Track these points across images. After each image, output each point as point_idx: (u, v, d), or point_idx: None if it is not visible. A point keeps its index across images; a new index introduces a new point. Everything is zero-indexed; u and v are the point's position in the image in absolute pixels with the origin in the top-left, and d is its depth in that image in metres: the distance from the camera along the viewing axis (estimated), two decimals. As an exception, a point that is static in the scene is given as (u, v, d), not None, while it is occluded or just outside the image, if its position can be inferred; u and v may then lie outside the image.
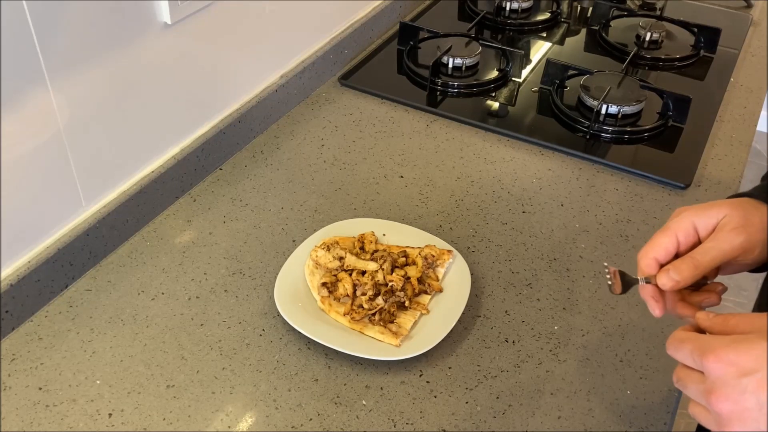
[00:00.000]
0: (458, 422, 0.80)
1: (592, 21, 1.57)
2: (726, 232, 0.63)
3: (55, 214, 0.91)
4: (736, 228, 0.63)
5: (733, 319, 0.54)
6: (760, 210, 0.64)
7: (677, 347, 0.56)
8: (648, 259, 0.66)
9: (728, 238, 0.63)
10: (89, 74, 0.88)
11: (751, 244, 0.63)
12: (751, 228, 0.63)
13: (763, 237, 0.63)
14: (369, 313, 0.87)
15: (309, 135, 1.22)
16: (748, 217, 0.63)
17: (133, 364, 0.85)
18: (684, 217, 0.65)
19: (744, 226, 0.63)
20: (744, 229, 0.63)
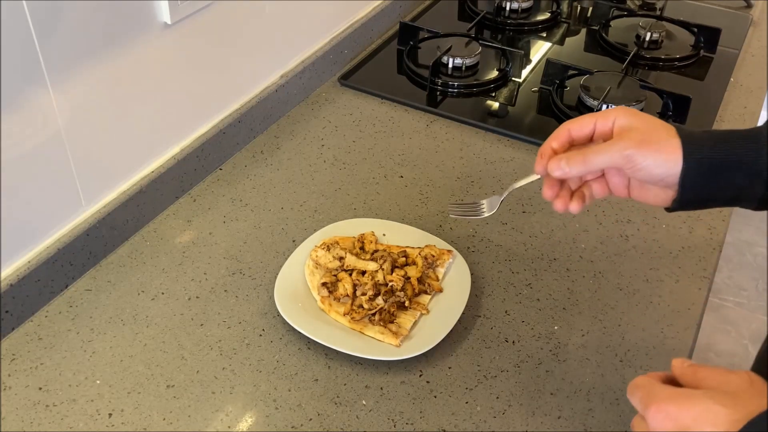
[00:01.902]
0: (458, 422, 0.80)
1: (592, 21, 1.57)
2: (623, 139, 0.66)
3: (55, 214, 0.91)
4: (632, 139, 0.65)
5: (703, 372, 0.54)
6: (667, 139, 0.66)
7: (632, 392, 0.57)
8: (545, 153, 0.70)
9: (621, 144, 0.65)
10: (89, 74, 0.88)
11: (636, 160, 0.65)
12: (644, 145, 0.65)
13: (652, 160, 0.65)
14: (369, 313, 0.87)
15: (309, 135, 1.22)
16: (649, 136, 0.65)
17: (133, 364, 0.85)
18: (611, 113, 0.68)
19: (641, 141, 0.65)
20: (639, 143, 0.65)
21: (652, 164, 0.65)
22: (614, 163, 0.66)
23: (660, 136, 0.66)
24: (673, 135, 0.66)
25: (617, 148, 0.66)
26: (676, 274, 0.98)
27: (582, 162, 0.67)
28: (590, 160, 0.67)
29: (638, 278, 0.98)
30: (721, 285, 2.35)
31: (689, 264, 1.00)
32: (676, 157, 0.65)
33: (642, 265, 1.00)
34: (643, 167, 0.66)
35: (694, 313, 0.93)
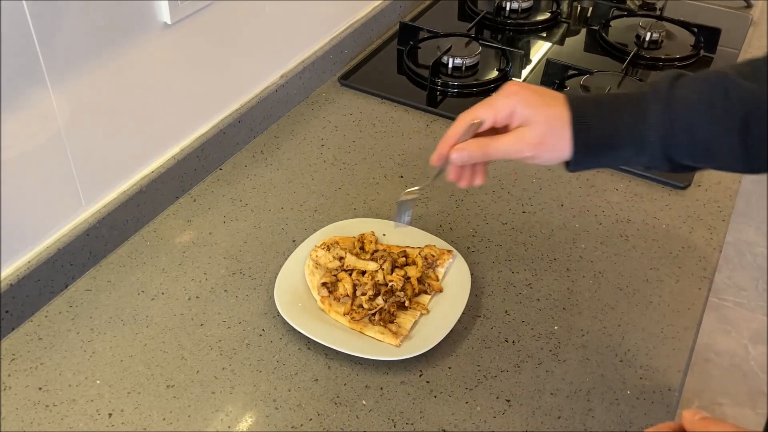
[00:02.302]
0: (458, 422, 0.80)
1: (592, 21, 1.57)
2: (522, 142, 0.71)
3: (55, 214, 0.91)
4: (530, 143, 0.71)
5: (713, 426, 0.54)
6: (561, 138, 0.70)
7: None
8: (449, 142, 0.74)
9: (519, 148, 0.71)
10: (89, 74, 0.88)
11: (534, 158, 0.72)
12: (540, 148, 0.71)
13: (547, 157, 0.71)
14: (369, 313, 0.87)
15: (309, 135, 1.22)
16: (545, 138, 0.70)
17: (133, 364, 0.85)
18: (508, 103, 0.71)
19: (537, 145, 0.70)
20: (535, 147, 0.70)
21: (546, 160, 0.72)
22: (511, 158, 0.73)
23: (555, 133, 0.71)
24: (565, 124, 0.71)
25: (515, 150, 0.72)
26: (676, 274, 0.98)
27: (482, 155, 0.73)
28: (490, 154, 0.73)
29: (638, 278, 0.98)
30: (721, 285, 2.35)
31: (689, 264, 1.00)
32: (567, 150, 0.71)
33: (642, 265, 1.00)
34: (537, 161, 0.73)
35: (694, 313, 0.93)
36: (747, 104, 0.67)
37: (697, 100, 0.69)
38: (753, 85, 0.68)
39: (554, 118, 0.71)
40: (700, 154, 0.70)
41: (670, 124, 0.69)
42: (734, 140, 0.68)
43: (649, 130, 0.69)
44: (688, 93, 0.69)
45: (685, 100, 0.69)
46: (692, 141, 0.69)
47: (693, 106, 0.69)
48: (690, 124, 0.69)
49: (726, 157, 0.70)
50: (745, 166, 0.70)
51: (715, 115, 0.68)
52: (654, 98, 0.70)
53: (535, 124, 0.70)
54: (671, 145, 0.70)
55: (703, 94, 0.69)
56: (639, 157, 0.71)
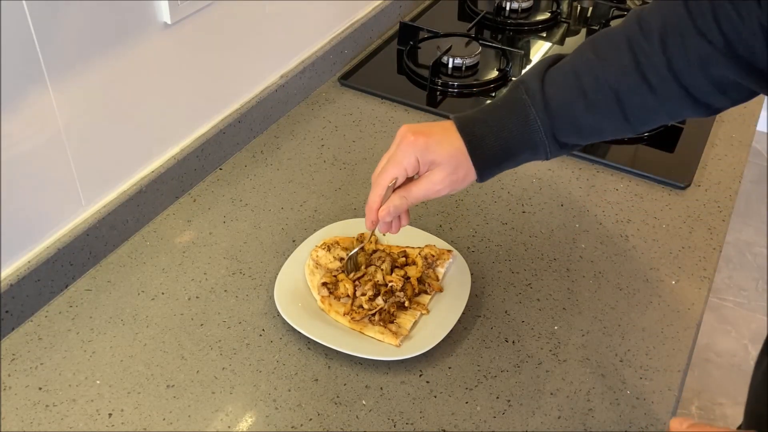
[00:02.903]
0: (458, 422, 0.80)
1: (592, 21, 1.57)
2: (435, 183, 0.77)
3: (55, 214, 0.91)
4: (443, 182, 0.77)
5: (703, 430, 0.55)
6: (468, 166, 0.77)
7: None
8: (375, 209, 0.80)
9: (436, 188, 0.78)
10: (89, 74, 0.88)
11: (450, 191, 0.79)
12: (455, 184, 0.78)
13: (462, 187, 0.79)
14: (369, 313, 0.87)
15: (309, 135, 1.22)
16: (455, 174, 0.77)
17: (133, 364, 0.85)
18: (409, 154, 0.77)
19: (451, 182, 0.77)
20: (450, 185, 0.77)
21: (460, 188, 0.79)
22: (431, 198, 0.80)
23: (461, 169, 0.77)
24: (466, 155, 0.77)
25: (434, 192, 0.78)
26: (676, 274, 0.98)
27: (406, 205, 0.80)
28: (413, 202, 0.79)
29: (638, 278, 0.98)
30: (721, 285, 2.35)
31: (689, 264, 1.00)
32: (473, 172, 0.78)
33: (642, 265, 1.00)
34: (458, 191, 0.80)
35: (694, 313, 0.93)
36: (614, 84, 0.73)
37: (572, 94, 0.75)
38: (613, 66, 0.73)
39: (454, 154, 0.77)
40: (589, 135, 0.78)
41: (553, 122, 0.76)
42: (615, 118, 0.75)
43: (536, 133, 0.76)
44: (561, 90, 0.75)
45: (560, 98, 0.75)
46: (578, 128, 0.76)
47: (569, 100, 0.75)
48: (571, 116, 0.75)
49: (613, 131, 0.78)
50: (633, 131, 0.78)
51: (591, 103, 0.74)
52: (531, 102, 0.76)
53: (440, 166, 0.77)
54: (559, 135, 0.77)
55: (575, 87, 0.75)
56: (536, 155, 0.78)
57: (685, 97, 0.72)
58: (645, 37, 0.71)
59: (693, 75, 0.70)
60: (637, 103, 0.73)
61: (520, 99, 0.76)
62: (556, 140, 0.77)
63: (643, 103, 0.73)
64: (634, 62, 0.72)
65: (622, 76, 0.73)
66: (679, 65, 0.70)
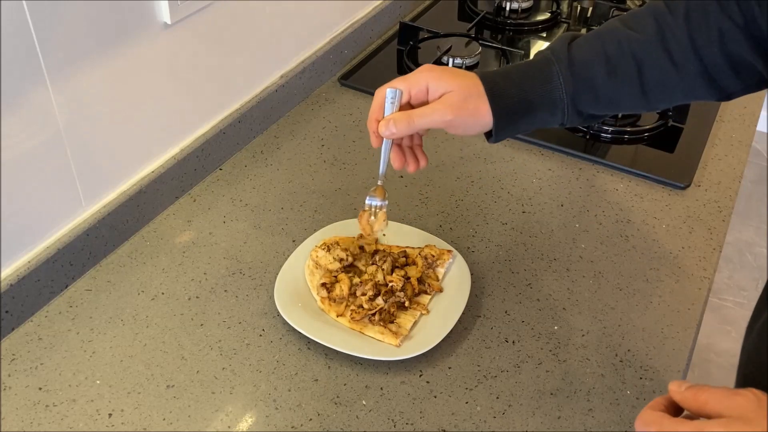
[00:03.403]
0: (458, 422, 0.80)
1: (592, 21, 1.57)
2: (444, 105, 0.75)
3: (55, 214, 0.91)
4: (452, 105, 0.75)
5: (704, 395, 0.54)
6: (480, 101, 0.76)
7: (644, 430, 0.56)
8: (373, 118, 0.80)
9: (442, 111, 0.75)
10: (89, 74, 0.88)
11: (456, 123, 0.76)
12: (462, 111, 0.75)
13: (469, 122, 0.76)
14: (369, 313, 0.87)
15: (309, 135, 1.22)
16: (466, 102, 0.75)
17: (133, 364, 0.85)
18: (421, 78, 0.77)
19: (459, 108, 0.75)
20: (457, 110, 0.75)
21: (469, 126, 0.77)
22: (435, 126, 0.77)
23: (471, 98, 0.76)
24: (481, 92, 0.76)
25: (438, 115, 0.76)
26: (676, 274, 0.98)
27: (407, 125, 0.77)
28: (414, 123, 0.76)
29: (638, 278, 0.98)
30: (721, 285, 2.35)
31: (689, 264, 1.00)
32: (488, 116, 0.76)
33: (642, 265, 1.00)
34: (462, 127, 0.77)
35: (694, 313, 0.93)
36: (637, 55, 0.75)
37: (595, 57, 0.76)
38: (639, 35, 0.75)
39: (469, 87, 0.76)
40: (606, 104, 0.78)
41: (575, 82, 0.76)
42: (633, 88, 0.76)
43: (557, 91, 0.76)
44: (585, 51, 0.77)
45: (584, 59, 0.76)
46: (596, 94, 0.77)
47: (592, 62, 0.76)
48: (592, 79, 0.76)
49: (628, 103, 0.79)
50: (646, 107, 0.79)
51: (613, 69, 0.76)
52: (556, 61, 0.77)
53: (452, 93, 0.76)
54: (579, 100, 0.77)
55: (599, 51, 0.76)
56: (553, 116, 0.78)
57: (703, 74, 0.74)
58: (671, 13, 0.74)
59: (712, 50, 0.73)
60: (657, 75, 0.75)
61: (545, 57, 0.78)
62: (575, 104, 0.77)
63: (661, 76, 0.75)
64: (658, 34, 0.74)
65: (645, 46, 0.75)
66: (700, 39, 0.73)
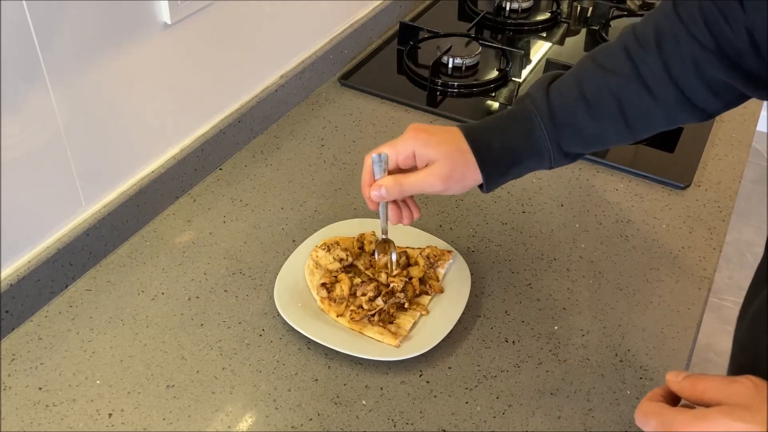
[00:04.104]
0: (458, 422, 0.80)
1: (592, 21, 1.57)
2: (433, 177, 0.78)
3: (55, 214, 0.91)
4: (440, 177, 0.77)
5: (702, 384, 0.55)
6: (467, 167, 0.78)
7: (643, 421, 0.57)
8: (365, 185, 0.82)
9: (431, 183, 0.78)
10: (89, 74, 0.88)
11: (446, 190, 0.79)
12: (451, 181, 0.78)
13: (458, 188, 0.79)
14: (368, 313, 0.87)
15: (309, 135, 1.22)
16: (453, 172, 0.78)
17: (133, 364, 0.85)
18: (408, 146, 0.79)
19: (448, 178, 0.78)
20: (447, 180, 0.78)
21: (459, 190, 0.80)
22: (425, 192, 0.80)
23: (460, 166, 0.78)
24: (469, 157, 0.78)
25: (428, 186, 0.78)
26: (676, 274, 0.98)
27: (398, 192, 0.80)
28: (405, 191, 0.80)
29: (638, 278, 0.98)
30: (721, 285, 2.35)
31: (689, 264, 1.00)
32: (476, 176, 0.79)
33: (642, 265, 1.00)
34: (451, 192, 0.80)
35: (694, 313, 0.93)
36: (617, 94, 0.76)
37: (575, 102, 0.77)
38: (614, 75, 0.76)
39: (455, 153, 0.78)
40: (592, 143, 0.80)
41: (557, 130, 0.78)
42: (617, 124, 0.78)
43: (541, 141, 0.78)
44: (564, 98, 0.78)
45: (564, 106, 0.78)
46: (582, 136, 0.79)
47: (572, 108, 0.78)
48: (575, 124, 0.78)
49: (614, 138, 0.80)
50: (633, 138, 0.80)
51: (594, 112, 0.77)
52: (537, 110, 0.78)
53: (440, 162, 0.78)
54: (564, 144, 0.79)
55: (577, 96, 0.77)
56: (541, 163, 0.80)
57: (683, 101, 0.75)
58: (642, 45, 0.75)
59: (688, 77, 0.73)
60: (638, 109, 0.76)
61: (525, 108, 0.79)
62: (561, 148, 0.79)
63: (643, 109, 0.76)
64: (633, 69, 0.75)
65: (622, 83, 0.76)
66: (675, 68, 0.73)
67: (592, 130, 0.78)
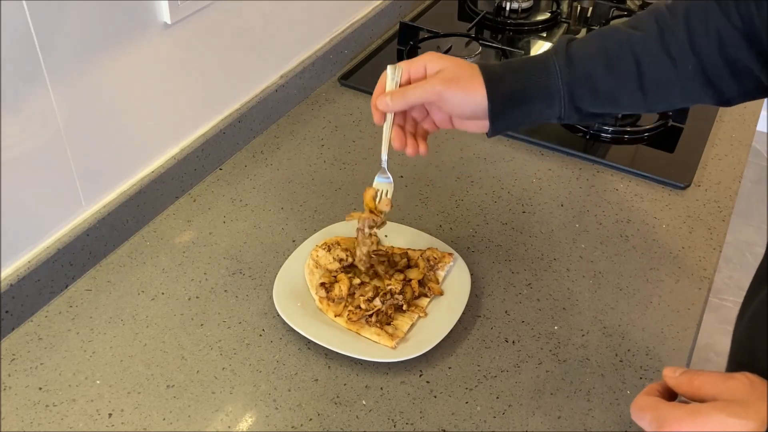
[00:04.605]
0: (458, 422, 0.80)
1: (592, 21, 1.57)
2: (436, 78, 0.77)
3: (55, 214, 0.91)
4: (443, 79, 0.77)
5: (698, 379, 0.55)
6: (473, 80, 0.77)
7: (639, 416, 0.57)
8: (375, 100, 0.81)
9: (433, 83, 0.77)
10: (89, 74, 0.88)
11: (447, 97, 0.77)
12: (453, 85, 0.76)
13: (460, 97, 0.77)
14: (366, 314, 0.87)
15: (309, 135, 1.22)
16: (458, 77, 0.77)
17: (133, 364, 0.85)
18: (422, 59, 0.80)
19: (451, 81, 0.76)
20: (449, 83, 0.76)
21: (461, 100, 0.77)
22: (428, 98, 0.78)
23: (465, 75, 0.77)
24: (476, 74, 0.77)
25: (429, 85, 0.77)
26: (676, 274, 0.98)
27: (402, 98, 0.78)
28: (408, 95, 0.78)
29: (638, 278, 0.98)
30: (721, 285, 2.35)
31: (689, 264, 1.00)
32: (481, 93, 0.77)
33: (642, 265, 1.00)
34: (453, 103, 0.77)
35: (694, 313, 0.93)
36: (637, 52, 0.75)
37: (595, 52, 0.77)
38: (639, 33, 0.76)
39: (464, 66, 0.78)
40: (604, 101, 0.78)
41: (573, 75, 0.76)
42: (631, 84, 0.76)
43: (555, 82, 0.77)
44: (585, 47, 0.77)
45: (583, 53, 0.77)
46: (595, 89, 0.77)
47: (591, 57, 0.77)
48: (590, 74, 0.76)
49: (627, 102, 0.78)
50: (645, 106, 0.79)
51: (612, 64, 0.76)
52: (555, 54, 0.77)
53: (447, 69, 0.78)
54: (576, 95, 0.77)
55: (598, 47, 0.77)
56: (550, 109, 0.78)
57: (700, 74, 0.74)
58: (671, 14, 0.75)
59: (710, 51, 0.73)
60: (655, 74, 0.76)
61: (545, 54, 0.79)
62: (573, 99, 0.78)
63: (660, 75, 0.76)
64: (658, 33, 0.75)
65: (644, 43, 0.75)
66: (699, 39, 0.73)
67: (607, 86, 0.77)
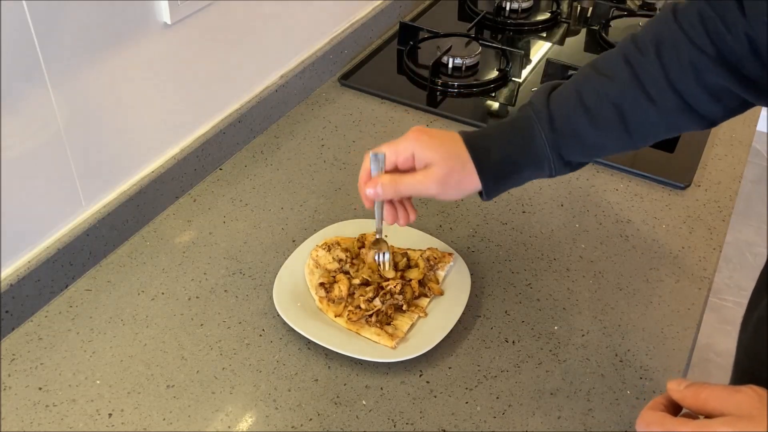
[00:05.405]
0: (458, 422, 0.80)
1: (592, 21, 1.57)
2: (429, 180, 0.77)
3: (55, 214, 0.91)
4: (436, 181, 0.77)
5: (704, 393, 0.54)
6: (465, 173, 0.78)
7: None
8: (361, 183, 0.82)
9: (427, 186, 0.78)
10: (89, 74, 0.88)
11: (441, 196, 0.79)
12: (446, 186, 0.77)
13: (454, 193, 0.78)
14: (366, 314, 0.87)
15: (309, 135, 1.22)
16: (450, 177, 0.77)
17: (133, 364, 0.85)
18: (408, 146, 0.78)
19: (444, 182, 0.77)
20: (442, 185, 0.77)
21: (455, 196, 0.79)
22: (420, 194, 0.79)
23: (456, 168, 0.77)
24: (466, 159, 0.77)
25: (423, 188, 0.78)
26: (676, 274, 0.98)
27: (393, 191, 0.79)
28: (400, 191, 0.79)
29: (638, 278, 0.98)
30: (721, 285, 2.35)
31: (689, 264, 1.00)
32: (474, 184, 0.78)
33: (642, 265, 1.00)
34: (448, 198, 0.79)
35: (694, 313, 0.93)
36: (616, 102, 0.76)
37: (575, 110, 0.77)
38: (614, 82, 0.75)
39: (453, 158, 0.78)
40: (594, 152, 0.80)
41: (557, 138, 0.77)
42: (617, 132, 0.77)
43: (542, 150, 0.77)
44: (564, 103, 0.77)
45: (564, 111, 0.77)
46: (583, 144, 0.78)
47: (573, 116, 0.77)
48: (575, 131, 0.77)
49: (615, 146, 0.79)
50: (634, 146, 0.79)
51: (594, 118, 0.76)
52: (537, 118, 0.77)
53: (438, 165, 0.77)
54: (564, 153, 0.78)
55: (577, 103, 0.77)
56: (541, 171, 0.79)
57: (683, 107, 0.74)
58: (641, 52, 0.74)
59: (688, 83, 0.72)
60: (639, 116, 0.75)
61: (526, 116, 0.79)
62: (561, 157, 0.78)
63: (644, 116, 0.75)
64: (632, 76, 0.74)
65: (622, 90, 0.75)
66: (675, 74, 0.73)
67: (593, 139, 0.77)
